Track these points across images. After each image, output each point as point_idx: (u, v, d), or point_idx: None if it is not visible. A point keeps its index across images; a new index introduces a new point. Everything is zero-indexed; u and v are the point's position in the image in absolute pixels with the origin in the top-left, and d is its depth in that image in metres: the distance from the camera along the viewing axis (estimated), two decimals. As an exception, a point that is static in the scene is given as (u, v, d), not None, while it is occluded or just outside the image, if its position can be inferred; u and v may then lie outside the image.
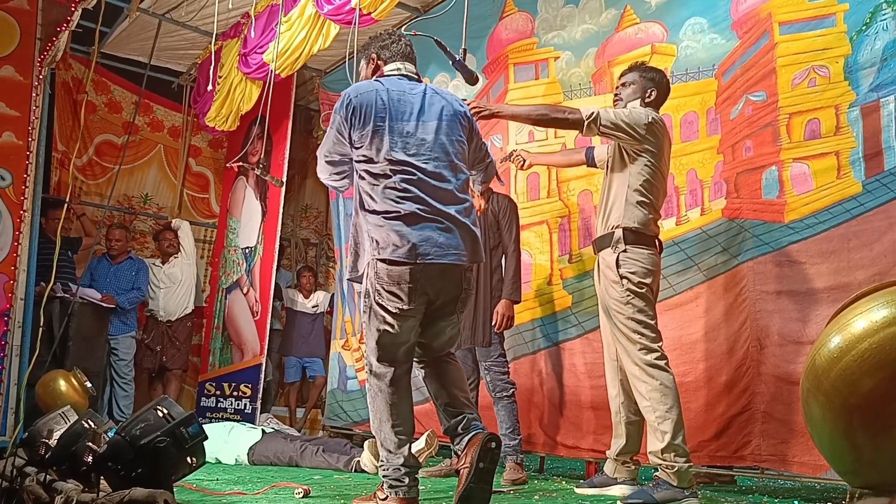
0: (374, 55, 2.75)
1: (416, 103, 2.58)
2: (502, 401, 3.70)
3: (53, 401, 4.46)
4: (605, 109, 2.96)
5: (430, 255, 2.43)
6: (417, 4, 5.12)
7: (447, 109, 2.62)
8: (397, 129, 2.52)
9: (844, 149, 3.04)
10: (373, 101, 2.53)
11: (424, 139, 2.54)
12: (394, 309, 2.46)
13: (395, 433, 2.49)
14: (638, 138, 2.92)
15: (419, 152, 2.52)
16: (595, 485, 3.19)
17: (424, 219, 2.46)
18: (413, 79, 2.69)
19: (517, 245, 3.80)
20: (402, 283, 2.43)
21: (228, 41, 5.63)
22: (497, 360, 3.73)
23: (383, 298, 2.46)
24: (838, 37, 3.09)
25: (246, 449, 4.35)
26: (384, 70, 2.71)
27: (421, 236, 2.43)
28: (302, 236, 7.51)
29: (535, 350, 4.22)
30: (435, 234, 2.45)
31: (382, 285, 2.45)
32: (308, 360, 6.42)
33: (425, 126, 2.56)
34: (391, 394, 2.50)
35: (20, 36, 5.11)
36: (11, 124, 5.02)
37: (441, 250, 2.45)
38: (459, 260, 2.50)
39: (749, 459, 3.22)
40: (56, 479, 2.57)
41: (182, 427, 2.45)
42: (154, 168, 6.66)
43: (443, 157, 2.55)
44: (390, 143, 2.50)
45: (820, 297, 3.04)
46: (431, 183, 2.50)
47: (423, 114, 2.57)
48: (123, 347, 5.73)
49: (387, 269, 2.44)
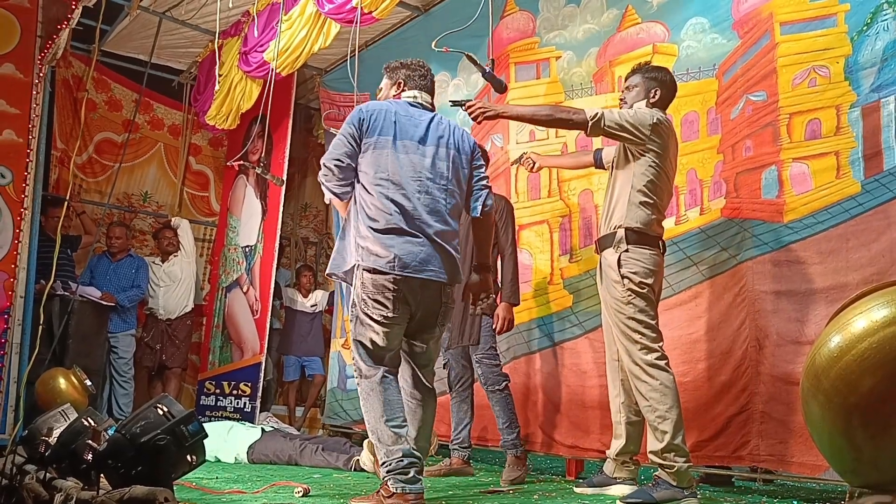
0: (401, 80, 2.92)
1: (421, 128, 2.77)
2: (496, 395, 3.71)
3: (53, 399, 4.46)
4: (609, 110, 2.96)
5: (409, 267, 2.61)
6: (418, 3, 5.12)
7: (450, 139, 2.81)
8: (399, 147, 2.71)
9: (844, 149, 3.04)
10: (383, 116, 2.73)
11: (422, 161, 2.72)
12: (379, 317, 2.62)
13: (391, 428, 2.58)
14: (642, 139, 2.92)
15: (415, 173, 2.70)
16: (595, 484, 3.19)
17: (408, 233, 2.64)
18: (426, 108, 2.87)
19: (514, 247, 3.80)
20: (385, 293, 2.61)
21: (229, 39, 5.63)
22: (488, 353, 3.74)
23: (369, 307, 2.63)
24: (839, 37, 3.09)
25: (245, 447, 4.35)
26: (402, 95, 2.90)
27: (403, 249, 2.62)
28: (302, 235, 7.52)
29: (534, 350, 4.22)
30: (416, 249, 2.64)
31: (368, 294, 2.63)
32: (307, 359, 6.42)
33: (425, 150, 2.74)
34: (382, 391, 2.61)
35: (21, 33, 5.11)
36: (11, 122, 5.02)
37: (421, 265, 2.63)
38: (438, 277, 2.67)
39: (747, 459, 3.23)
40: (56, 476, 2.57)
41: (182, 425, 2.46)
42: (154, 166, 6.66)
43: (436, 180, 2.73)
44: (390, 158, 2.68)
45: (819, 297, 3.05)
46: (421, 202, 2.68)
47: (425, 139, 2.76)
48: (123, 345, 5.74)
49: (371, 278, 2.62)
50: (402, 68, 2.94)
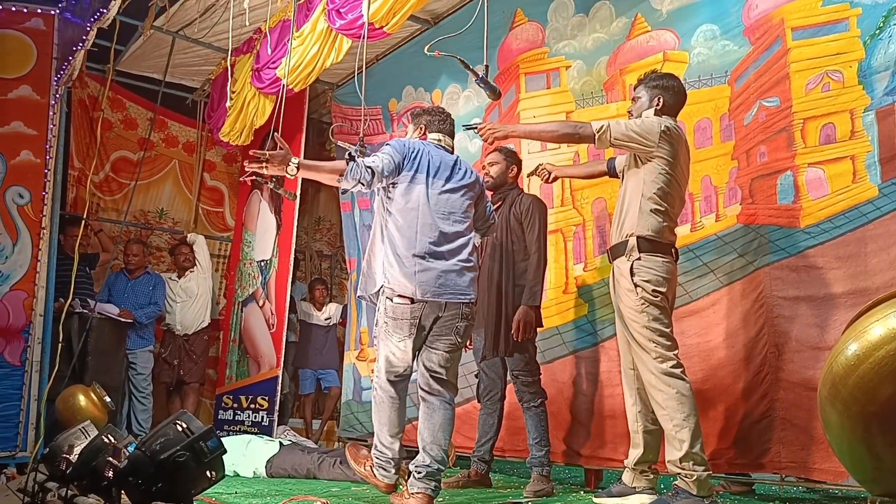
0: (424, 125, 3.25)
1: (449, 168, 3.12)
2: (529, 410, 3.63)
3: (73, 416, 4.50)
4: (616, 121, 2.97)
5: (429, 293, 2.95)
6: (428, 17, 5.15)
7: (467, 177, 3.15)
8: (432, 183, 3.04)
9: (860, 153, 3.02)
10: (423, 153, 3.08)
11: (449, 197, 3.07)
12: (398, 339, 2.99)
13: (390, 436, 3.09)
14: (651, 147, 2.92)
15: (441, 207, 3.04)
16: (614, 494, 3.16)
17: (431, 261, 2.97)
18: (447, 150, 3.21)
19: (539, 246, 3.65)
20: (404, 319, 2.96)
21: (241, 57, 5.68)
22: (523, 370, 3.63)
23: (389, 329, 3.00)
24: (851, 41, 3.08)
25: (264, 462, 4.36)
26: (427, 137, 3.23)
27: (425, 276, 2.94)
28: (316, 248, 7.55)
29: (550, 359, 4.20)
30: (438, 275, 2.97)
31: (388, 319, 3.00)
32: (322, 372, 6.45)
33: (452, 187, 3.08)
34: (389, 406, 3.08)
35: (37, 56, 5.20)
36: (29, 143, 5.09)
37: (440, 290, 2.97)
38: (456, 298, 3.00)
39: (768, 467, 3.20)
40: (77, 494, 2.59)
41: (201, 441, 2.46)
42: (169, 183, 6.72)
43: (458, 213, 3.08)
44: (422, 193, 3.02)
45: (838, 302, 3.02)
46: (446, 233, 3.02)
47: (451, 178, 3.10)
48: (141, 362, 5.77)
49: (393, 306, 2.98)
50: (425, 115, 3.27)
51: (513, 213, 3.73)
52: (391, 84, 5.56)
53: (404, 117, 3.27)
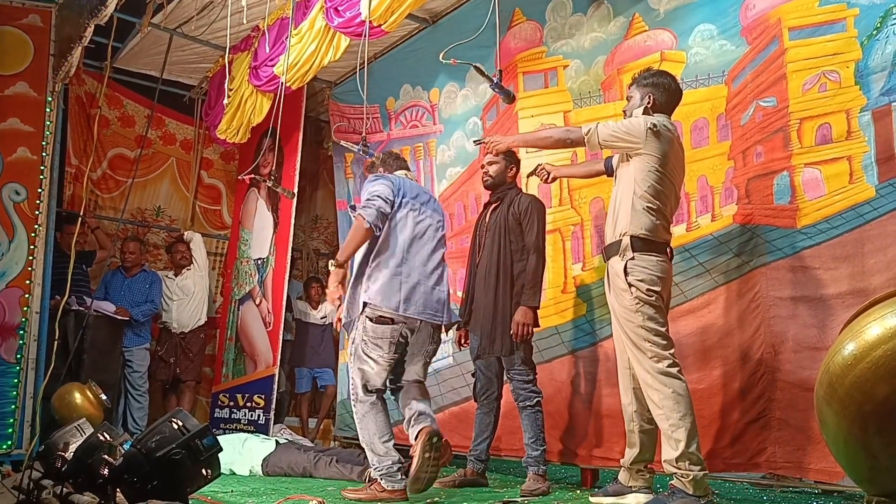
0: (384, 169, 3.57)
1: (423, 195, 3.46)
2: (525, 410, 3.62)
3: (69, 413, 4.50)
4: (603, 123, 3.01)
5: (409, 311, 3.20)
6: (426, 15, 5.15)
7: (433, 201, 3.50)
8: (412, 208, 3.34)
9: (857, 153, 3.03)
10: (404, 185, 3.38)
11: (425, 220, 3.36)
12: (375, 356, 3.21)
13: (383, 443, 3.21)
14: (638, 145, 2.93)
15: (419, 231, 3.32)
16: (610, 493, 3.17)
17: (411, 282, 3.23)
18: (413, 179, 3.58)
19: (538, 247, 3.65)
20: (383, 338, 3.19)
21: (239, 54, 5.67)
22: (519, 369, 3.62)
23: (368, 347, 3.21)
24: (848, 41, 3.08)
25: (260, 460, 4.36)
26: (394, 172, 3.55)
27: (404, 296, 3.20)
28: (313, 247, 7.54)
29: (549, 358, 4.21)
30: (415, 295, 3.23)
31: (367, 338, 3.21)
32: (319, 371, 6.44)
33: (426, 211, 3.39)
34: (375, 413, 3.24)
35: (34, 52, 5.19)
36: (25, 140, 5.08)
37: (418, 309, 3.24)
38: (432, 319, 3.30)
39: (764, 467, 3.20)
40: (73, 491, 2.59)
41: (197, 439, 2.46)
42: (166, 181, 6.71)
43: (432, 235, 3.37)
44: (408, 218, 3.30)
45: (835, 303, 3.02)
46: (423, 255, 3.30)
47: (426, 204, 3.42)
48: (138, 359, 5.77)
49: (373, 327, 3.20)
50: (381, 164, 3.61)
51: (511, 213, 3.72)
52: (389, 82, 5.55)
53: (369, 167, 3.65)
